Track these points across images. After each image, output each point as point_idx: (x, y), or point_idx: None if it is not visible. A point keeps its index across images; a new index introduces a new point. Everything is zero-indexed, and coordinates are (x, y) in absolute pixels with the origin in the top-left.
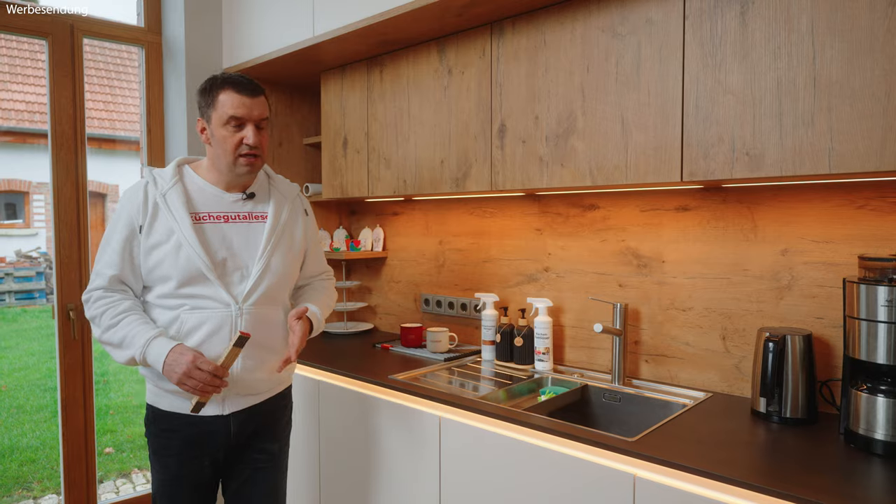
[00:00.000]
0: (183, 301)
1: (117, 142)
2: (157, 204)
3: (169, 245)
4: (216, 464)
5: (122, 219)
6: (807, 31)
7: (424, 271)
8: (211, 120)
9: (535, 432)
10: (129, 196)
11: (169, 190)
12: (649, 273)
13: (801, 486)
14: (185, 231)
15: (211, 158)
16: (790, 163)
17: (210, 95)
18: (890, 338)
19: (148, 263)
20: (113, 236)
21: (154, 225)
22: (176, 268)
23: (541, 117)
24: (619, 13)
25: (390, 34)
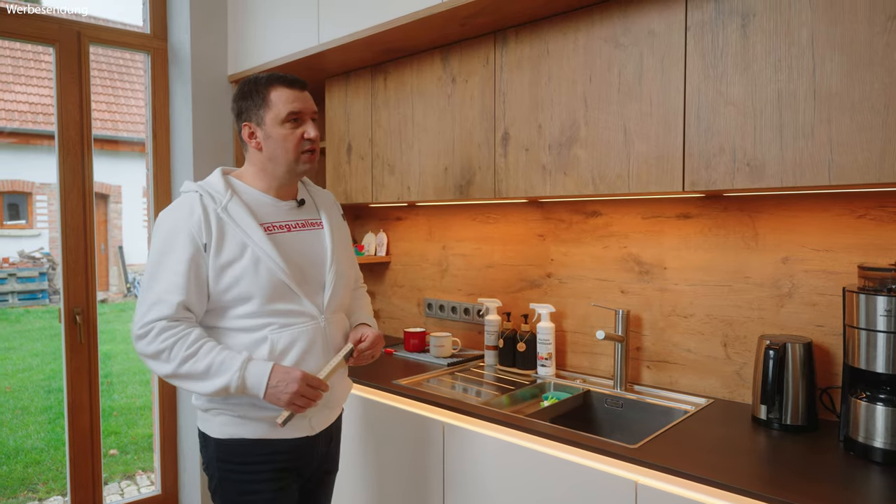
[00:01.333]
0: (268, 320)
1: (120, 143)
2: (220, 219)
3: (244, 261)
4: (302, 491)
5: (179, 238)
6: (807, 44)
7: (428, 276)
8: (264, 121)
9: (538, 438)
10: (182, 213)
11: (229, 202)
12: (651, 280)
13: (801, 493)
14: (261, 244)
15: (260, 164)
16: (790, 174)
17: (258, 97)
18: (889, 347)
19: (221, 284)
20: (170, 257)
21: (223, 241)
22: (257, 284)
23: (544, 126)
24: (621, 24)
25: (394, 43)
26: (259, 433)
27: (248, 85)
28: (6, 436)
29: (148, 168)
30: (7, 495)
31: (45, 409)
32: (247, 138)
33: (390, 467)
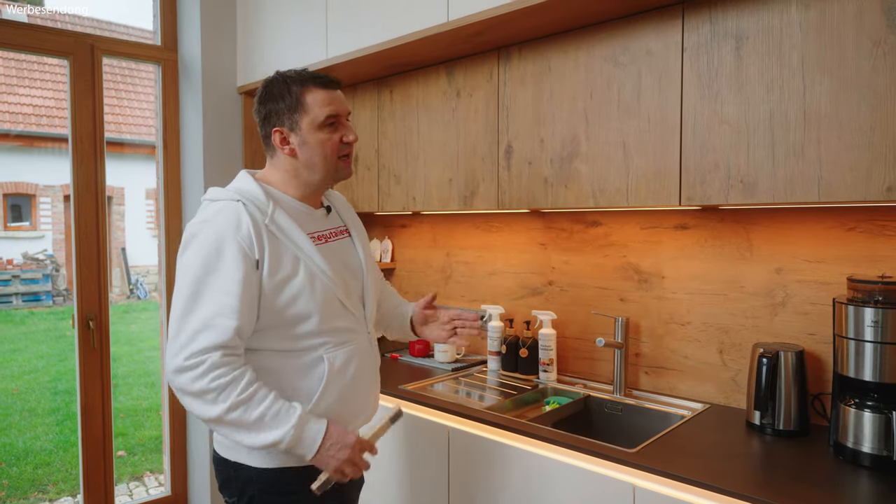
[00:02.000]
0: (324, 339)
1: (124, 145)
2: (270, 232)
3: (300, 277)
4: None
5: (227, 253)
6: (798, 66)
7: (432, 282)
8: (300, 126)
9: (541, 443)
10: (228, 225)
11: (274, 213)
12: (649, 288)
13: (792, 497)
14: (314, 258)
15: (293, 170)
16: (782, 190)
17: (290, 99)
18: (876, 356)
19: (279, 303)
20: (219, 276)
21: (277, 257)
22: (315, 301)
23: (546, 140)
24: (620, 43)
25: (401, 58)
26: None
27: (277, 85)
28: (15, 437)
29: (158, 177)
30: (18, 496)
31: (52, 410)
32: (278, 144)
33: (397, 470)
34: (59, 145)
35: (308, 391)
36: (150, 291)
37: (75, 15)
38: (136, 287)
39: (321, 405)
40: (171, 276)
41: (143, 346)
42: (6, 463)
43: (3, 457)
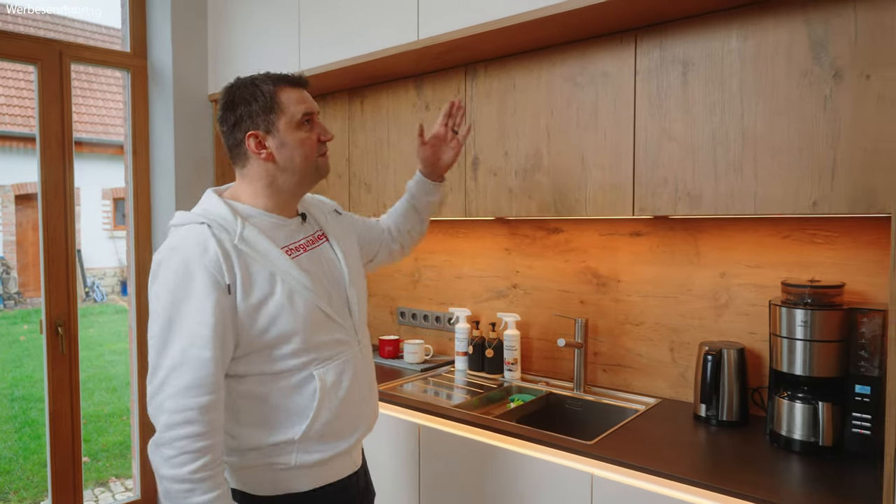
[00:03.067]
0: (311, 356)
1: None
2: (239, 252)
3: (278, 295)
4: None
5: (194, 280)
6: (737, 91)
7: (401, 285)
8: (278, 127)
9: (506, 437)
10: (193, 251)
11: (243, 231)
12: (607, 291)
13: (732, 481)
14: (291, 272)
15: (268, 177)
16: (723, 204)
17: (265, 99)
18: (805, 353)
19: (258, 326)
20: (187, 306)
21: (249, 277)
22: (297, 319)
23: (510, 153)
24: (579, 64)
25: (372, 72)
26: (318, 481)
27: (246, 88)
28: None
29: (127, 182)
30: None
31: (10, 418)
32: (254, 149)
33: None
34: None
35: (301, 411)
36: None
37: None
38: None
39: (316, 424)
40: (141, 279)
41: (103, 350)
42: None
43: None
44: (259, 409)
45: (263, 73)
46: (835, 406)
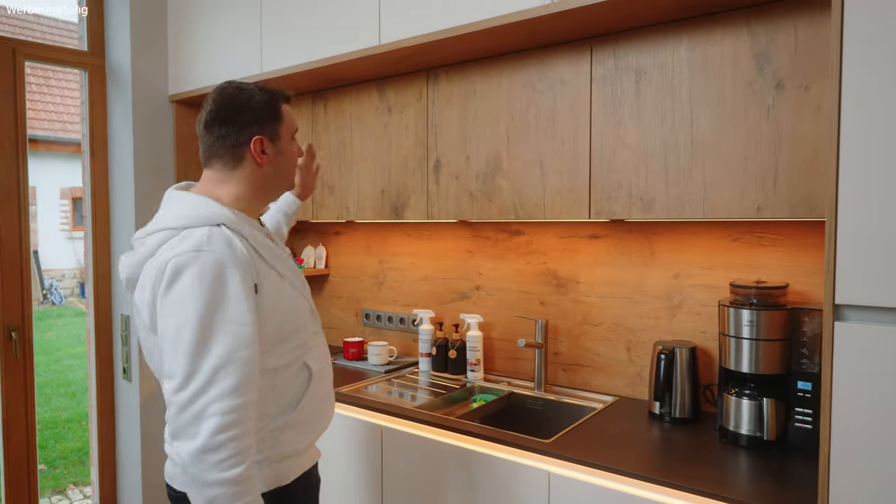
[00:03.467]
0: (300, 350)
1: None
2: (255, 252)
3: (286, 294)
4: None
5: (230, 282)
6: (687, 99)
7: (365, 287)
8: (280, 136)
9: (467, 437)
10: (222, 251)
11: (252, 232)
12: (566, 292)
13: (682, 475)
14: (292, 271)
15: (257, 182)
16: (674, 208)
17: (274, 108)
18: (752, 351)
19: (274, 322)
20: (227, 309)
21: (266, 277)
22: (299, 315)
23: (471, 157)
24: (537, 71)
25: (335, 75)
26: (299, 469)
27: (256, 94)
28: None
29: (85, 182)
30: None
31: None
32: (257, 153)
33: (334, 469)
34: None
35: (294, 396)
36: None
37: (16, 38)
38: (50, 292)
39: (304, 411)
40: (100, 282)
41: (61, 354)
42: None
43: None
44: (267, 399)
45: (260, 85)
46: (778, 402)
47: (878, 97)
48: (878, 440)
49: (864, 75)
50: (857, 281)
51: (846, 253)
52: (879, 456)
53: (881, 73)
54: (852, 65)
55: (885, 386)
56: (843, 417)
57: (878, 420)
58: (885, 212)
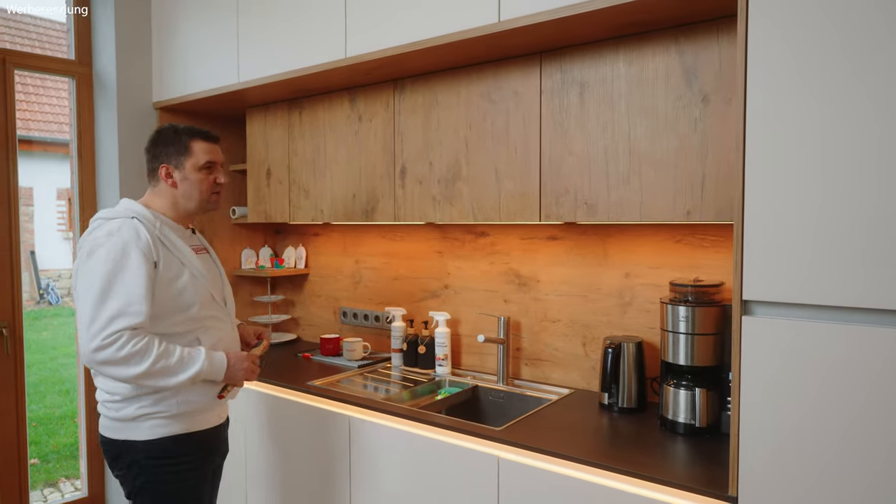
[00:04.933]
0: (198, 324)
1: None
2: (160, 241)
3: (185, 276)
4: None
5: (132, 254)
6: (625, 111)
7: (343, 287)
8: (184, 166)
9: (424, 426)
10: (131, 234)
11: (162, 227)
12: (528, 291)
13: (619, 460)
14: (194, 263)
15: (172, 198)
16: (615, 212)
17: (180, 144)
18: (687, 345)
19: (169, 294)
20: (124, 274)
21: (167, 259)
22: (196, 295)
23: (434, 163)
24: (493, 83)
25: (308, 84)
26: (185, 428)
27: (169, 133)
28: None
29: (73, 185)
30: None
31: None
32: (164, 177)
33: (302, 460)
34: None
35: None
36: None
37: (6, 48)
38: (46, 292)
39: None
40: None
41: (56, 353)
42: None
43: None
44: None
45: (188, 126)
46: (710, 392)
47: (777, 116)
48: (778, 417)
49: (766, 97)
50: (761, 279)
51: (752, 254)
52: (779, 431)
53: (780, 96)
54: (755, 87)
55: (785, 371)
56: (750, 398)
57: (778, 400)
58: (785, 217)
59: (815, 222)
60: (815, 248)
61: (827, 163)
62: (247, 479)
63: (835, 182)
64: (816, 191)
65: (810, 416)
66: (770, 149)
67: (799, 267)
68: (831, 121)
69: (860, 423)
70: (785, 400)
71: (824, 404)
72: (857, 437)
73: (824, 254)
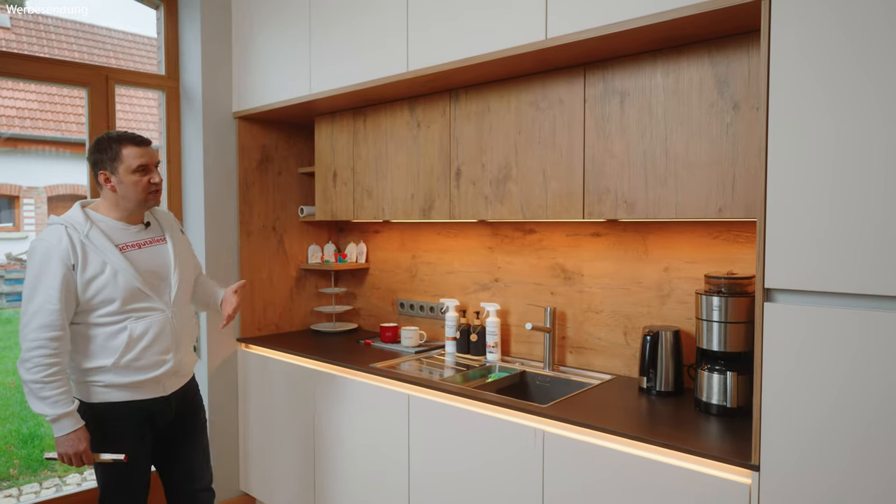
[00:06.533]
0: (127, 315)
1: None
2: (83, 244)
3: (106, 275)
4: (165, 438)
5: (51, 261)
6: (662, 118)
7: (400, 280)
8: (118, 171)
9: (477, 403)
10: (52, 242)
11: (89, 231)
12: (572, 284)
13: (654, 433)
14: (117, 261)
15: (114, 200)
16: (652, 210)
17: (112, 152)
18: (720, 332)
19: (88, 293)
20: (45, 277)
21: (87, 261)
22: (117, 290)
23: (486, 166)
24: (540, 92)
25: (372, 95)
26: (126, 396)
27: (103, 143)
28: (19, 425)
29: (162, 189)
30: (29, 474)
31: None
32: (103, 182)
33: (366, 433)
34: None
35: (115, 349)
36: None
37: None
38: None
39: (124, 359)
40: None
41: None
42: (14, 446)
43: (11, 441)
44: (89, 345)
45: (119, 133)
46: (741, 375)
47: (796, 123)
48: (796, 395)
49: (787, 107)
50: (781, 269)
51: (773, 246)
52: (797, 407)
53: (799, 105)
54: (777, 98)
55: (802, 352)
56: (771, 377)
57: (795, 378)
58: (803, 213)
59: (830, 218)
60: (830, 242)
61: (840, 165)
62: (315, 450)
63: (848, 182)
64: (831, 190)
65: (826, 395)
66: (789, 153)
67: (815, 258)
68: (845, 127)
69: (872, 402)
70: (801, 378)
71: (838, 383)
72: (869, 415)
73: (838, 246)
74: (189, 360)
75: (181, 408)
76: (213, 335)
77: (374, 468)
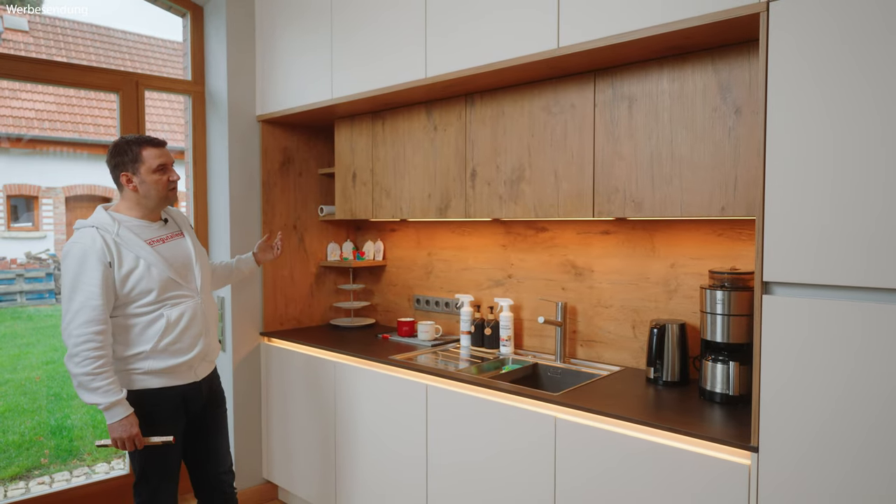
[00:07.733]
0: (163, 303)
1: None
2: (115, 242)
3: (140, 269)
4: (195, 424)
5: (89, 260)
6: (667, 122)
7: (416, 276)
8: (139, 171)
9: (492, 392)
10: (86, 243)
11: (119, 230)
12: (583, 280)
13: (659, 419)
14: (149, 255)
15: (135, 200)
16: (659, 208)
17: (132, 154)
18: (723, 324)
19: (126, 287)
20: (84, 276)
21: (121, 258)
22: (153, 282)
23: (500, 167)
24: (552, 97)
25: (390, 100)
26: (164, 383)
27: (122, 146)
28: (47, 417)
29: (188, 189)
30: (59, 463)
31: (74, 395)
32: (125, 183)
33: (389, 419)
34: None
35: (153, 336)
36: None
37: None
38: None
39: (162, 342)
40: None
41: None
42: (44, 437)
43: (40, 432)
44: (128, 334)
45: (135, 136)
46: (743, 365)
47: (793, 127)
48: (792, 381)
49: (785, 112)
50: (778, 264)
51: (771, 242)
52: (793, 393)
53: (795, 110)
54: (774, 103)
55: (797, 341)
56: (768, 364)
57: (791, 366)
58: (799, 211)
59: (825, 215)
60: (825, 237)
61: (838, 164)
62: (336, 439)
63: (840, 181)
64: (826, 189)
65: (820, 382)
66: (788, 153)
67: (811, 253)
68: (842, 125)
69: (864, 390)
70: (798, 365)
71: (833, 370)
72: (862, 402)
73: (832, 242)
74: (216, 345)
75: (209, 395)
76: (238, 330)
77: (392, 456)
